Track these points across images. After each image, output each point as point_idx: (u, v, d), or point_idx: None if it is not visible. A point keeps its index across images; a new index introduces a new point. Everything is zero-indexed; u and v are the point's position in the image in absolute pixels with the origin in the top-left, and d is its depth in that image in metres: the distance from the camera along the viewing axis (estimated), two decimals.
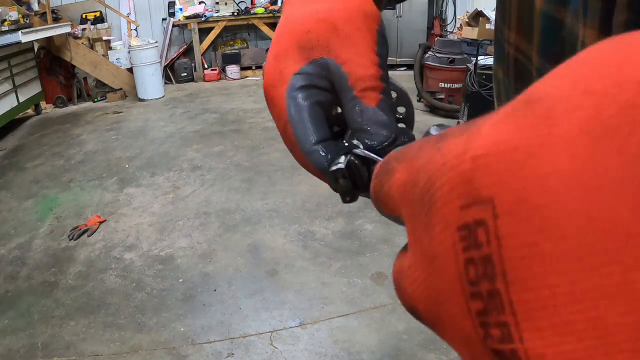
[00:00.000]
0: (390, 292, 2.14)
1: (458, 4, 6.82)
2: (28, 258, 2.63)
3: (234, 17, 6.90)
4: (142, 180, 3.55)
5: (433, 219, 0.15)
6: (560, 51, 0.31)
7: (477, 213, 0.13)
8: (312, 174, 0.31)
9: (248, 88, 6.35)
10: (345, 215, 2.84)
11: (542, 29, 0.33)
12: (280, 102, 0.30)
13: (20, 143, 4.70)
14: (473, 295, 0.13)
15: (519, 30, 0.37)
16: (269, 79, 0.31)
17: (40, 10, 5.96)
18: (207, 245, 2.64)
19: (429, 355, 1.79)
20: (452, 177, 0.14)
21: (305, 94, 0.30)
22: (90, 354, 1.92)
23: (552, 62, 0.32)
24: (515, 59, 0.39)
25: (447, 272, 0.14)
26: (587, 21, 0.27)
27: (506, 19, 0.39)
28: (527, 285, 0.12)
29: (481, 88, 3.82)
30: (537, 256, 0.12)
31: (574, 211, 0.11)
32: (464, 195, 0.13)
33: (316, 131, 0.29)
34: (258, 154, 3.90)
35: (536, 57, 0.35)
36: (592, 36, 0.27)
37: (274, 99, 0.31)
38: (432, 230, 0.15)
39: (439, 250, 0.14)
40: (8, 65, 4.92)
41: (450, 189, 0.14)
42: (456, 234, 0.14)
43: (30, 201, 3.33)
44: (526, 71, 0.37)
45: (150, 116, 5.36)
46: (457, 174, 0.14)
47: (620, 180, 0.11)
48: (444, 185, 0.14)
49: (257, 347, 1.89)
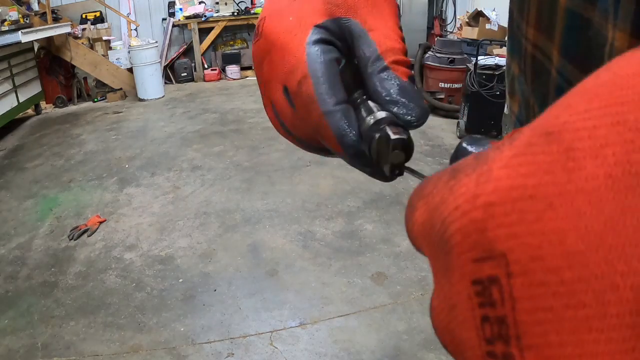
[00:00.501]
0: (390, 292, 2.15)
1: (458, 4, 6.82)
2: (28, 258, 2.63)
3: (234, 17, 6.90)
4: (142, 180, 3.56)
5: (450, 266, 0.14)
6: (586, 53, 0.29)
7: (490, 269, 0.12)
8: (324, 138, 0.28)
9: (248, 88, 6.35)
10: (345, 215, 2.84)
11: (566, 26, 0.31)
12: (298, 52, 0.27)
13: (20, 143, 4.70)
14: (489, 354, 0.12)
15: (538, 26, 0.34)
16: (284, 24, 0.28)
17: (40, 10, 5.95)
18: (207, 245, 2.64)
19: (429, 355, 1.79)
20: (465, 225, 0.13)
21: (327, 49, 0.28)
22: (90, 354, 1.92)
23: (575, 64, 0.30)
24: (532, 56, 0.36)
25: (466, 325, 0.13)
26: (618, 22, 0.25)
27: (524, 12, 0.37)
28: (543, 354, 0.11)
29: (481, 88, 3.81)
30: (553, 323, 0.11)
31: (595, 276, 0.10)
32: (477, 246, 0.12)
33: (338, 91, 0.27)
34: (258, 154, 3.90)
35: (557, 56, 0.32)
36: (623, 39, 0.25)
37: (289, 46, 0.28)
38: (450, 276, 0.14)
39: (457, 300, 0.14)
40: (8, 65, 4.92)
41: (463, 237, 0.13)
42: (471, 288, 0.13)
43: (30, 201, 3.33)
44: (544, 71, 0.34)
45: (150, 116, 5.36)
46: (469, 221, 0.13)
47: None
48: (457, 232, 0.13)
49: (257, 347, 1.89)
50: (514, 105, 0.43)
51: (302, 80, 0.27)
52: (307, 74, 0.27)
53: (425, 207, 0.16)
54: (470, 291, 0.13)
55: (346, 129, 0.26)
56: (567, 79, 0.31)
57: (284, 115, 0.30)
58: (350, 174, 3.38)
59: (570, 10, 0.30)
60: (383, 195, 3.04)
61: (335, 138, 0.27)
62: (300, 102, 0.28)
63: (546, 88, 0.34)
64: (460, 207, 0.13)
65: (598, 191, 0.10)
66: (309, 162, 3.61)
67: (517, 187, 0.12)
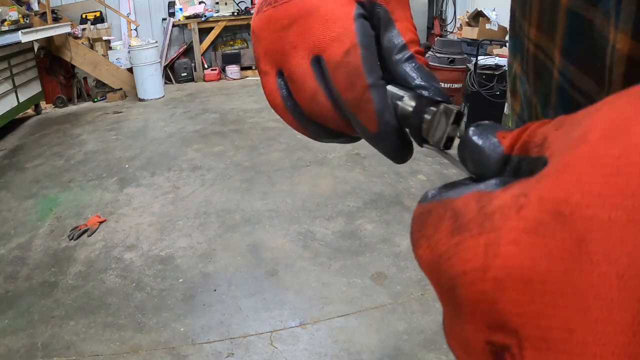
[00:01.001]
0: (390, 292, 2.15)
1: (458, 4, 6.82)
2: (28, 258, 2.63)
3: (234, 17, 6.90)
4: (142, 180, 3.56)
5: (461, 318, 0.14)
6: (587, 54, 0.29)
7: (503, 338, 0.13)
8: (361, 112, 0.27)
9: (248, 88, 6.35)
10: (345, 215, 2.84)
11: (568, 27, 0.30)
12: (347, 22, 0.27)
13: (20, 143, 4.70)
14: None
15: (539, 26, 0.34)
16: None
17: (40, 10, 5.96)
18: (207, 245, 2.64)
19: (429, 355, 1.79)
20: (475, 294, 0.13)
21: (370, 26, 0.28)
22: (90, 354, 1.92)
23: (577, 65, 0.30)
24: (535, 56, 0.36)
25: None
26: (620, 24, 0.25)
27: (526, 12, 0.37)
28: None
29: (481, 88, 3.82)
30: None
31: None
32: (488, 316, 0.13)
33: (379, 68, 0.27)
34: (258, 154, 3.90)
35: (559, 57, 0.32)
36: (625, 41, 0.25)
37: (335, 15, 0.27)
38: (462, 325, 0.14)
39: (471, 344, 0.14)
40: (8, 65, 4.92)
41: (474, 305, 0.13)
42: (485, 346, 0.13)
43: (30, 201, 3.33)
44: (546, 71, 0.34)
45: (150, 116, 5.36)
46: (479, 291, 0.13)
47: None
48: (468, 298, 0.14)
49: (257, 347, 1.89)
50: (516, 105, 0.43)
51: (350, 50, 0.26)
52: (356, 44, 0.26)
53: (429, 249, 0.16)
54: (484, 346, 0.13)
55: (388, 104, 0.27)
56: (569, 79, 0.31)
57: (302, 85, 0.29)
58: (350, 173, 3.38)
59: (571, 11, 0.30)
60: (383, 195, 3.04)
61: (375, 112, 0.26)
62: (343, 73, 0.27)
63: (548, 88, 0.34)
64: (469, 274, 0.13)
65: (609, 291, 0.10)
66: (309, 162, 3.61)
67: (528, 269, 0.12)
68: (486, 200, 0.14)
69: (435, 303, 2.03)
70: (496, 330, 0.13)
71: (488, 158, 0.18)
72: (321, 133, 0.31)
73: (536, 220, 0.12)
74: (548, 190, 0.12)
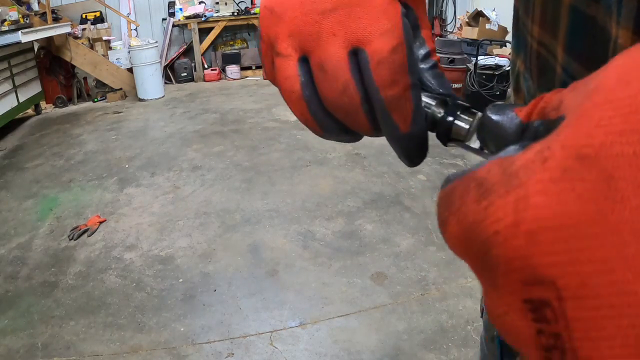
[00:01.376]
0: (390, 292, 2.15)
1: (458, 4, 6.82)
2: (28, 258, 2.63)
3: (234, 17, 6.90)
4: (142, 180, 3.56)
5: (497, 283, 0.14)
6: (590, 50, 0.29)
7: (540, 293, 0.12)
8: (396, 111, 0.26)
9: (248, 88, 6.35)
10: (345, 215, 2.84)
11: (570, 23, 0.31)
12: (395, 18, 0.26)
13: (20, 143, 4.70)
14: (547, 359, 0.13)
15: (542, 23, 0.35)
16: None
17: (40, 10, 5.96)
18: (207, 245, 2.64)
19: (429, 355, 1.79)
20: (508, 251, 0.13)
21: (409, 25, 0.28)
22: (90, 354, 1.92)
23: (580, 61, 0.30)
24: (538, 53, 0.36)
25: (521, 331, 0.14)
26: (621, 20, 0.25)
27: (529, 10, 0.37)
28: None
29: (481, 88, 3.82)
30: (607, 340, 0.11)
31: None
32: (524, 272, 0.13)
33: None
34: (258, 154, 3.90)
35: (562, 53, 0.32)
36: (627, 37, 0.25)
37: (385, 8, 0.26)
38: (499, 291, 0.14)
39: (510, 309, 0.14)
40: (8, 65, 4.92)
41: (508, 262, 0.13)
42: (523, 305, 0.13)
43: (30, 201, 3.33)
44: (550, 68, 0.34)
45: (150, 116, 5.36)
46: (512, 248, 0.13)
47: None
48: (501, 257, 0.13)
49: (257, 347, 1.89)
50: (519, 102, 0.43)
51: (398, 47, 0.26)
52: (403, 42, 0.26)
53: (458, 224, 0.15)
54: (522, 307, 0.13)
55: (422, 105, 0.27)
56: (572, 75, 0.31)
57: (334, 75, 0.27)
58: (350, 173, 3.38)
59: (574, 7, 0.30)
60: (383, 195, 3.04)
61: (411, 112, 0.26)
62: (386, 69, 0.26)
63: (552, 84, 0.35)
64: (501, 233, 0.13)
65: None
66: (309, 162, 3.61)
67: (560, 216, 0.12)
68: (509, 163, 0.14)
69: (435, 303, 2.03)
70: (533, 286, 0.13)
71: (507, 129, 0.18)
72: (332, 128, 0.29)
73: (562, 167, 0.12)
74: (570, 139, 0.12)
